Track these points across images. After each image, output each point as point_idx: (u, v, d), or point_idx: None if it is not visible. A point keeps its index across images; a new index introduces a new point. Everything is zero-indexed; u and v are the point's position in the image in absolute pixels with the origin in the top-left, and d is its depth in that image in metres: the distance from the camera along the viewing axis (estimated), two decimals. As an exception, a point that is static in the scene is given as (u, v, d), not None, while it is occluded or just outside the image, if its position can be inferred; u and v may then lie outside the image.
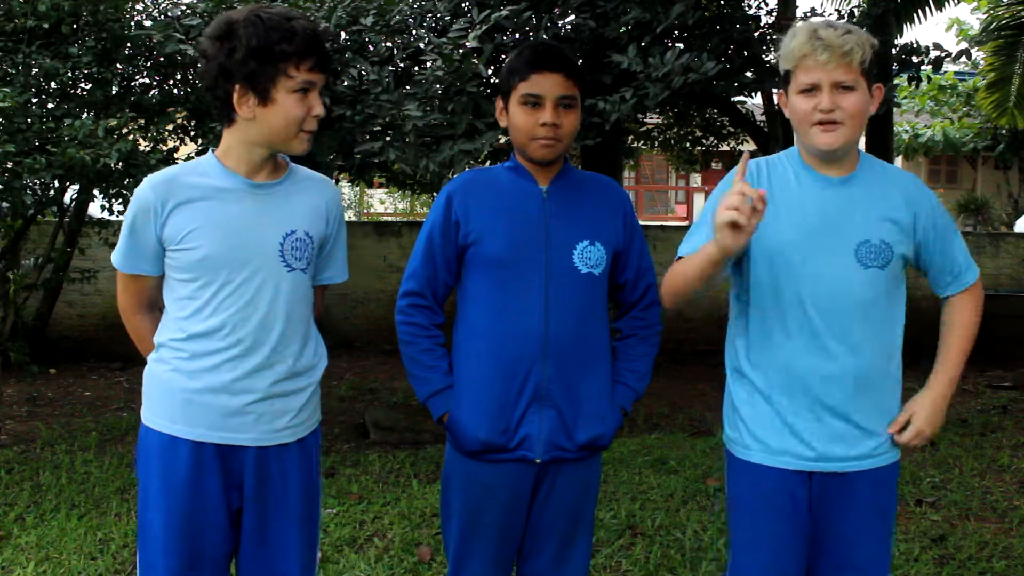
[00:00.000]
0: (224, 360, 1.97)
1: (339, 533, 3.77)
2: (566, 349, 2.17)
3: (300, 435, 2.08)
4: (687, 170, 12.89)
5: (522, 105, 2.14)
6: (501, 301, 2.17)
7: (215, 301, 1.96)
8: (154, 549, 2.00)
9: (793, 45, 1.98)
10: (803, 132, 2.01)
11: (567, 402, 2.18)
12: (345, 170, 6.94)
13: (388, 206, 19.48)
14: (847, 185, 2.05)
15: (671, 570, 3.47)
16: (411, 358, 2.23)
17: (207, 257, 1.95)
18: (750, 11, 6.58)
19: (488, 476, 2.19)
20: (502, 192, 2.21)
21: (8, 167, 4.52)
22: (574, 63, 2.19)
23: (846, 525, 2.06)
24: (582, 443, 2.20)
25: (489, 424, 2.16)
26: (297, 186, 2.07)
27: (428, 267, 2.22)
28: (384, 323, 9.47)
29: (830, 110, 1.94)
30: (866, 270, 2.00)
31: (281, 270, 1.99)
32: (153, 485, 2.00)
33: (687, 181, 21.50)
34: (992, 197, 16.98)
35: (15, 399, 6.45)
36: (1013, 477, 4.76)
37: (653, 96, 4.67)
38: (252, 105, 1.93)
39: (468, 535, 2.23)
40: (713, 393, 7.06)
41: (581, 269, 2.18)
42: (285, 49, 1.90)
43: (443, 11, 5.44)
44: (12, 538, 3.69)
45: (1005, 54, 9.74)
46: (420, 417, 5.77)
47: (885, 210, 2.03)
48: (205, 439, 1.97)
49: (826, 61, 1.92)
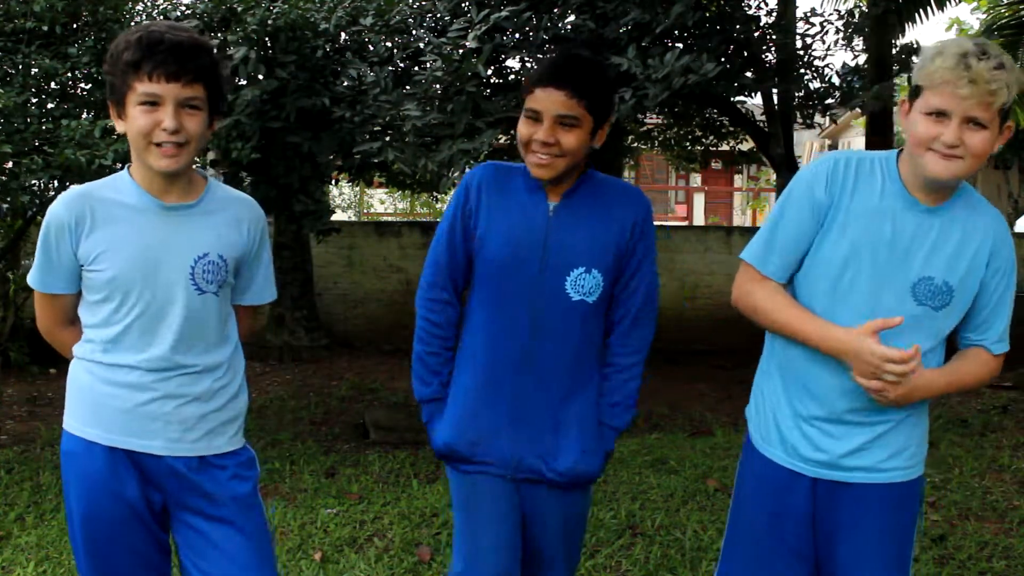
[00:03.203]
0: (132, 368, 1.96)
1: (339, 533, 3.77)
2: (550, 372, 2.12)
3: (212, 451, 2.03)
4: (687, 170, 12.89)
5: (526, 118, 2.08)
6: (490, 310, 2.14)
7: (125, 320, 1.94)
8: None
9: (937, 65, 1.78)
10: (917, 154, 1.86)
11: (547, 426, 2.13)
12: (344, 170, 6.96)
13: (388, 206, 19.47)
14: (932, 214, 1.90)
15: (671, 570, 3.47)
16: (419, 356, 2.22)
17: (115, 278, 1.92)
18: (750, 11, 6.57)
19: (469, 481, 2.18)
20: (513, 196, 2.14)
21: (6, 168, 4.52)
22: (584, 80, 2.04)
23: (853, 542, 2.00)
24: (563, 472, 2.14)
25: (457, 431, 2.16)
26: (214, 206, 2.01)
27: (449, 253, 2.17)
28: (384, 323, 9.47)
29: (955, 145, 1.79)
30: (919, 306, 1.90)
31: (191, 292, 1.96)
32: (71, 488, 2.01)
33: (687, 181, 21.49)
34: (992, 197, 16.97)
35: (15, 399, 6.45)
36: (1013, 477, 4.76)
37: (653, 97, 4.67)
38: (119, 119, 1.93)
39: (470, 546, 2.20)
40: (713, 393, 7.06)
41: (572, 296, 2.10)
42: (128, 59, 1.86)
43: (442, 11, 5.44)
44: (12, 538, 3.69)
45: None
46: (420, 417, 5.77)
47: (962, 250, 1.90)
48: (116, 444, 1.97)
49: (968, 95, 1.75)
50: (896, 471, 1.99)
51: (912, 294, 1.90)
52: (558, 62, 2.09)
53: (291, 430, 5.78)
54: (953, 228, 1.91)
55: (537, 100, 2.05)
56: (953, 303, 1.92)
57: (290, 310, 8.57)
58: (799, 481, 2.01)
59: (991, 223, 1.95)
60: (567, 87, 2.02)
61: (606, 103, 2.11)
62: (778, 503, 2.03)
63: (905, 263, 1.90)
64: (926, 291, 1.89)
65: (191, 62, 1.86)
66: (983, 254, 1.92)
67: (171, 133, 1.86)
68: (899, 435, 1.99)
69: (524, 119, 2.08)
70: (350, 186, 16.55)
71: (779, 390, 2.04)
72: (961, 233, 1.91)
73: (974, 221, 1.93)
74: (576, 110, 2.03)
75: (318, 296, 9.16)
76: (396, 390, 7.07)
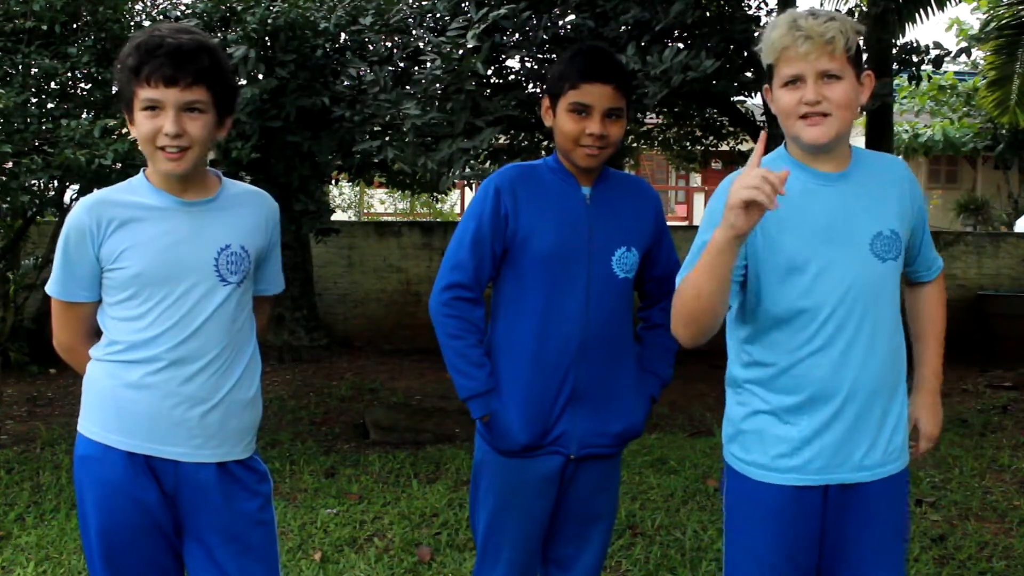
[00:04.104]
0: (159, 369, 1.94)
1: (339, 533, 3.77)
2: (600, 350, 2.22)
3: (230, 456, 2.02)
4: (687, 170, 12.88)
5: (570, 112, 2.16)
6: (545, 302, 2.19)
7: (151, 315, 1.94)
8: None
9: (773, 37, 1.87)
10: (789, 127, 1.91)
11: (601, 399, 2.23)
12: (344, 169, 6.95)
13: (388, 206, 19.48)
14: (846, 179, 1.95)
15: (671, 570, 3.47)
16: (458, 352, 2.19)
17: (140, 274, 1.93)
18: (750, 11, 6.57)
19: (521, 467, 2.23)
20: (548, 191, 2.22)
21: (6, 167, 4.52)
22: (625, 74, 2.21)
23: (860, 539, 1.97)
24: (616, 434, 2.27)
25: (530, 427, 2.20)
26: (232, 201, 2.04)
27: (476, 257, 2.19)
28: (384, 323, 9.47)
29: (816, 102, 1.84)
30: (884, 263, 1.92)
31: (216, 284, 1.97)
32: (88, 494, 1.99)
33: (687, 181, 21.49)
34: (992, 197, 16.94)
35: (15, 399, 6.45)
36: (1013, 477, 4.76)
37: (652, 95, 4.67)
38: (131, 124, 1.93)
39: (498, 519, 2.27)
40: (713, 393, 7.06)
41: (619, 275, 2.23)
42: (130, 65, 1.87)
43: (442, 11, 5.43)
44: (12, 538, 3.69)
45: (1006, 53, 9.73)
46: (420, 417, 5.77)
47: (889, 199, 1.97)
48: (137, 450, 1.95)
49: (808, 51, 1.82)
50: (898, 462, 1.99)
51: (873, 253, 1.92)
52: (601, 58, 2.20)
53: (291, 430, 5.77)
54: (872, 181, 1.97)
55: (587, 94, 2.14)
56: (902, 248, 1.97)
57: (290, 310, 8.57)
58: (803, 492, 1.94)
59: (897, 167, 2.04)
60: (615, 81, 2.15)
61: (633, 96, 2.26)
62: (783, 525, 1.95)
63: (853, 229, 1.92)
64: (882, 246, 1.93)
65: (190, 65, 1.85)
66: (906, 196, 1.99)
67: (173, 138, 1.86)
68: (901, 427, 2.00)
69: (568, 114, 2.16)
70: (350, 186, 16.56)
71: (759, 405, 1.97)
72: (879, 185, 1.97)
73: (884, 172, 2.00)
74: (622, 103, 2.17)
75: (318, 296, 9.16)
76: (396, 390, 7.07)
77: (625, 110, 2.19)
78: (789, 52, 1.85)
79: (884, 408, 1.95)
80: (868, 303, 1.91)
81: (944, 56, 6.14)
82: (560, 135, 2.19)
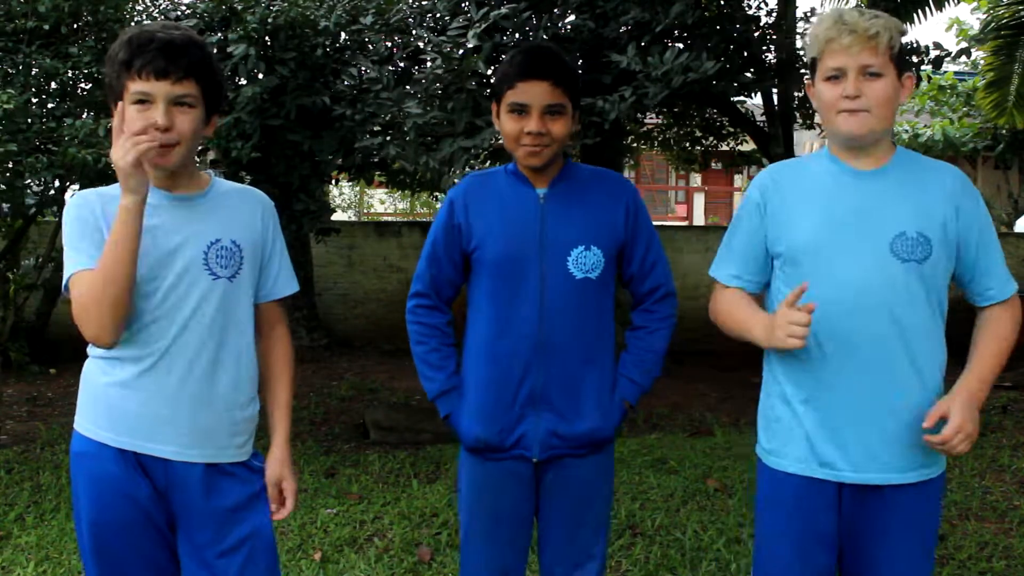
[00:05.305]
0: (148, 368, 1.93)
1: (339, 533, 3.77)
2: (563, 352, 2.18)
3: (222, 458, 2.01)
4: (687, 170, 12.88)
5: (510, 113, 2.15)
6: (497, 306, 2.20)
7: (139, 310, 1.93)
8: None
9: (819, 31, 1.92)
10: (829, 121, 1.94)
11: (565, 401, 2.20)
12: (345, 169, 6.96)
13: (388, 206, 19.49)
14: (881, 176, 1.95)
15: (671, 570, 3.47)
16: (420, 358, 2.29)
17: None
18: (750, 11, 6.57)
19: (490, 469, 2.24)
20: (501, 196, 2.22)
21: (9, 167, 4.52)
22: (563, 69, 2.15)
23: (880, 545, 2.00)
24: (578, 436, 2.20)
25: (486, 425, 2.21)
26: (223, 198, 2.04)
27: (432, 268, 2.28)
28: (384, 323, 9.47)
29: (855, 96, 1.88)
30: (904, 264, 1.90)
31: (206, 278, 1.96)
32: (82, 489, 1.98)
33: (687, 181, 21.48)
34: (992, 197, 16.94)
35: (15, 399, 6.45)
36: (1013, 477, 4.76)
37: (652, 95, 4.67)
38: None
39: (472, 515, 2.29)
40: (713, 393, 7.06)
41: (576, 275, 2.17)
42: (121, 59, 1.87)
43: (442, 10, 5.44)
44: (12, 538, 3.69)
45: (1005, 54, 9.72)
46: (420, 417, 5.77)
47: (927, 203, 1.93)
48: (126, 447, 1.94)
49: (850, 44, 1.86)
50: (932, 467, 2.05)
51: (892, 253, 1.91)
52: (534, 56, 2.17)
53: (291, 430, 5.76)
54: (907, 181, 1.96)
55: (523, 93, 2.12)
56: (935, 252, 1.92)
57: (290, 310, 8.56)
58: (823, 490, 1.99)
59: (944, 172, 2.00)
60: (551, 77, 2.12)
61: (578, 89, 2.21)
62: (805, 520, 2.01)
63: (874, 226, 1.92)
64: (904, 246, 1.91)
65: (181, 59, 1.86)
66: (952, 205, 1.95)
67: (162, 132, 1.86)
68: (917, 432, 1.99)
69: (508, 115, 2.15)
70: (350, 186, 16.57)
71: (785, 400, 2.03)
72: (916, 186, 1.95)
73: (926, 174, 1.98)
74: (561, 98, 2.13)
75: (318, 296, 9.16)
76: (396, 390, 7.07)
77: (568, 106, 2.14)
78: (833, 45, 1.89)
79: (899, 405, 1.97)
80: (882, 300, 1.90)
81: (944, 56, 6.14)
82: (504, 136, 2.19)
